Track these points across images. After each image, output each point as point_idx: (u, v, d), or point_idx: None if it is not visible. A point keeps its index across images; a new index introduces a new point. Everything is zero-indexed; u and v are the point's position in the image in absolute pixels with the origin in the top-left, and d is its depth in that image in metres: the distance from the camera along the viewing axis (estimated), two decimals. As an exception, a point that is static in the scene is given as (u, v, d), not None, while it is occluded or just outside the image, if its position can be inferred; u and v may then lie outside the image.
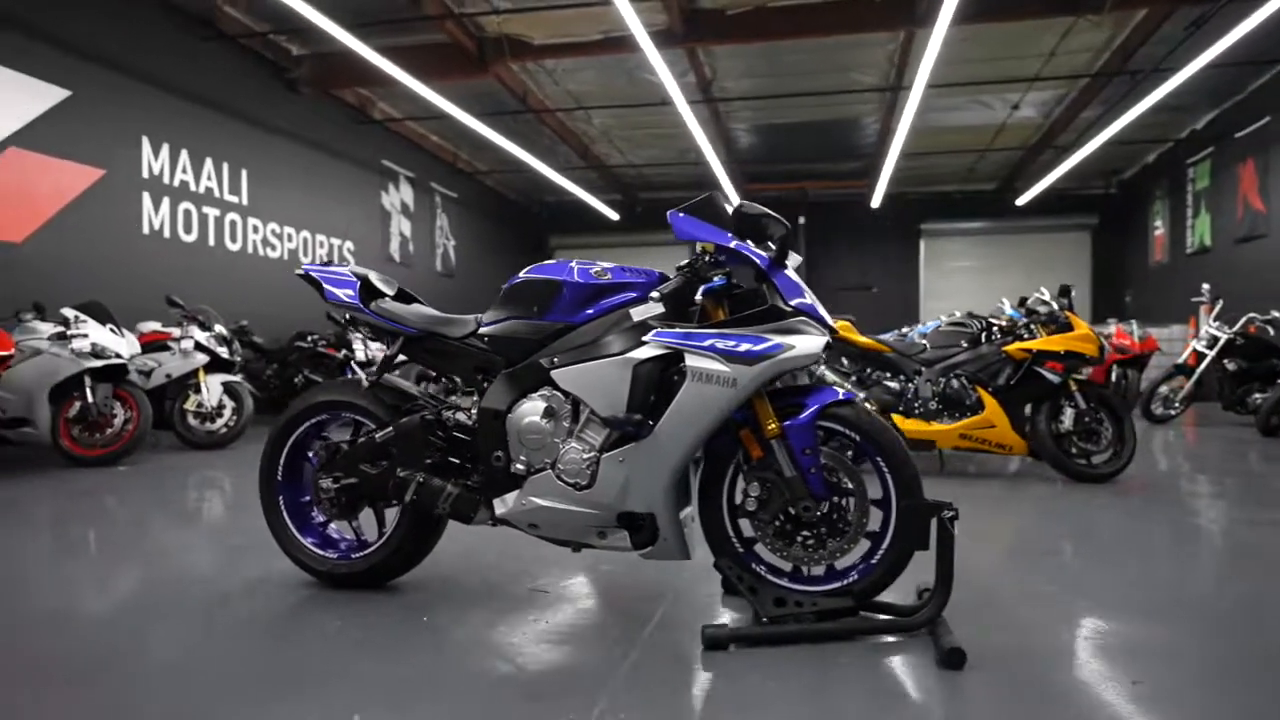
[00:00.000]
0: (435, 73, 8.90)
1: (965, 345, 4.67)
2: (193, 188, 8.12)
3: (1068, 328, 4.51)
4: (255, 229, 9.01)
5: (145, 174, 7.57)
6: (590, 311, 2.17)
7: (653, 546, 2.11)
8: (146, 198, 7.56)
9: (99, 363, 5.10)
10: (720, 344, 1.99)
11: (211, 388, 6.00)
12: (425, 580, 2.51)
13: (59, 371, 5.05)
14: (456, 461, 2.31)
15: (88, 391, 5.07)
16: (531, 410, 2.15)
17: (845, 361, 5.00)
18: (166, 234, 7.79)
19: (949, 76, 9.05)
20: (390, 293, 2.49)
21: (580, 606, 2.33)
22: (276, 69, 9.24)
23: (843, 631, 2.02)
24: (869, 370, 4.93)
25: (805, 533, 2.07)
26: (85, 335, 5.11)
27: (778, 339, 2.00)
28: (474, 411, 2.27)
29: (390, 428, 2.32)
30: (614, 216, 15.89)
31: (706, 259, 2.11)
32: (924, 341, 4.80)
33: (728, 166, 13.40)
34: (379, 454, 2.34)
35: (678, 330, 2.05)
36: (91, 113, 6.95)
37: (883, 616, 2.09)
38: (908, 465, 2.08)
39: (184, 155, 8.01)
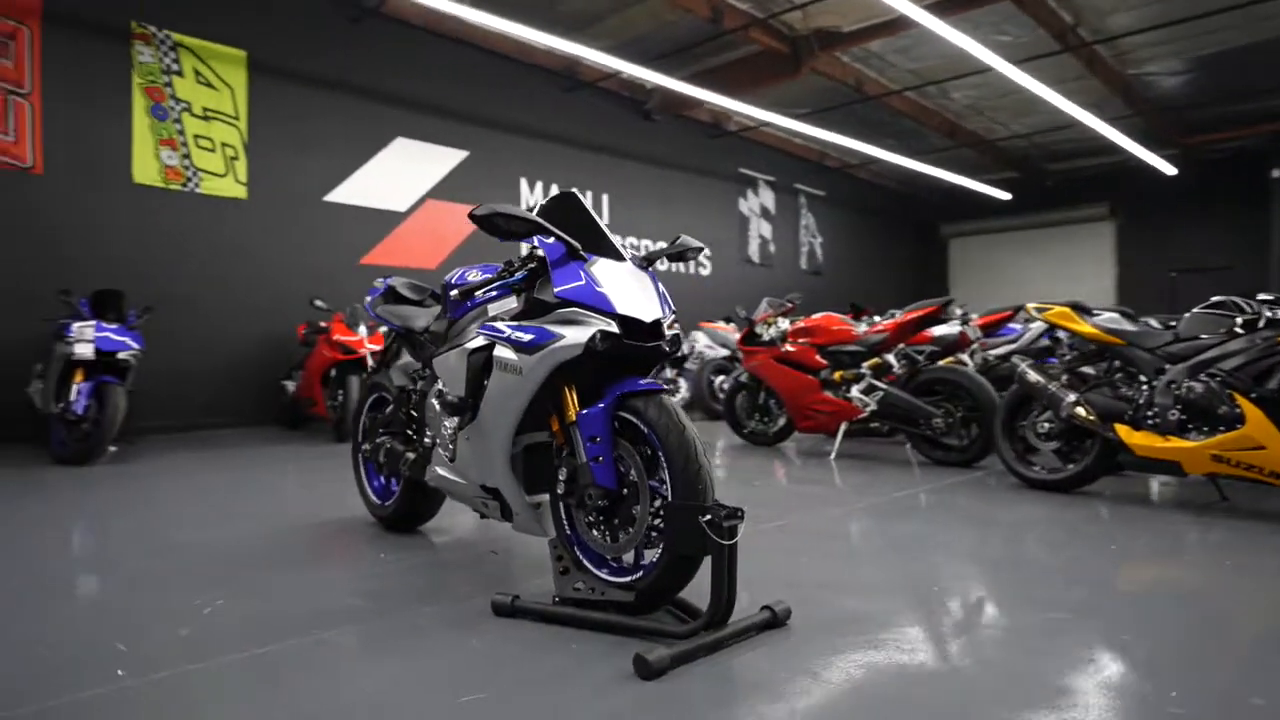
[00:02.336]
0: (751, 82, 9.31)
1: (1223, 334, 3.42)
2: (561, 214, 9.92)
3: None
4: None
5: (524, 207, 9.52)
6: (466, 306, 2.48)
7: (513, 520, 2.33)
8: (524, 226, 9.51)
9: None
10: (514, 335, 2.13)
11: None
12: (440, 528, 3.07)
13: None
14: (412, 433, 2.82)
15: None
16: (429, 392, 2.54)
17: (1069, 355, 4.04)
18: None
19: None
20: (414, 297, 3.10)
21: (469, 569, 2.61)
22: (631, 102, 10.66)
23: (602, 624, 1.99)
24: (1111, 365, 3.92)
25: (597, 520, 2.07)
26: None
27: (554, 329, 2.06)
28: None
29: (391, 405, 2.94)
30: (1003, 197, 14.16)
31: (528, 254, 2.26)
32: (1171, 330, 3.64)
33: (1146, 119, 10.98)
34: (384, 425, 2.97)
35: (494, 323, 2.24)
36: (482, 165, 9.08)
37: (642, 622, 1.97)
38: (692, 463, 1.92)
39: (553, 188, 9.84)
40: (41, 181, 6.33)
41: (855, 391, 5.02)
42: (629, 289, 2.11)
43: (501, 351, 2.17)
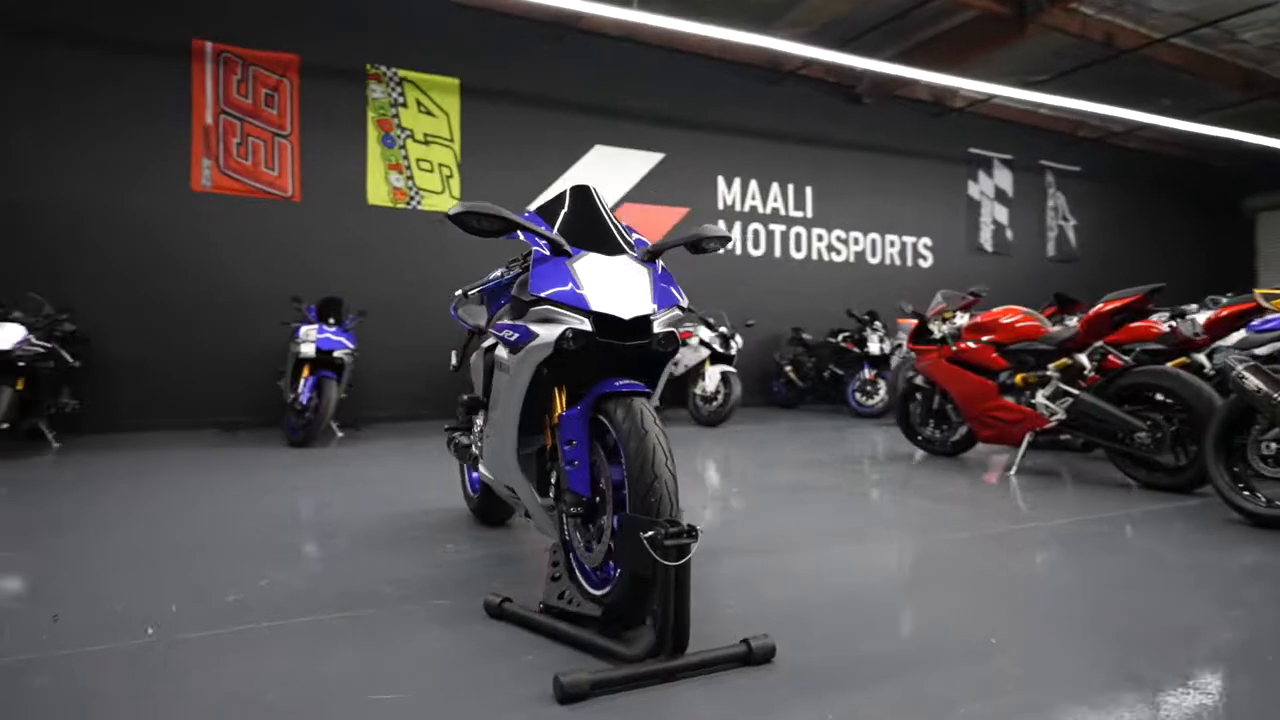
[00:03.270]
0: (971, 51, 8.38)
1: None
2: (760, 210, 9.71)
3: None
4: (819, 237, 10.09)
5: (720, 205, 9.48)
6: (497, 304, 2.49)
7: (533, 520, 2.31)
8: (721, 224, 9.45)
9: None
10: (508, 335, 2.09)
11: (711, 376, 7.33)
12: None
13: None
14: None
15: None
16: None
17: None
18: (738, 251, 9.56)
19: None
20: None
21: (515, 566, 2.58)
22: (838, 88, 10.10)
23: (568, 636, 1.89)
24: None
25: (578, 527, 1.97)
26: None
27: (534, 328, 1.98)
28: None
29: (470, 401, 3.06)
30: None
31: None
32: None
33: None
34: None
35: (501, 322, 2.21)
36: (678, 166, 9.16)
37: (600, 640, 1.82)
38: (647, 473, 1.74)
39: (753, 184, 9.66)
40: (299, 208, 7.52)
41: (1040, 397, 4.30)
42: (610, 285, 1.99)
43: (499, 351, 2.17)
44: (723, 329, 7.50)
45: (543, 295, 1.98)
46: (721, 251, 2.85)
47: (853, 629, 2.05)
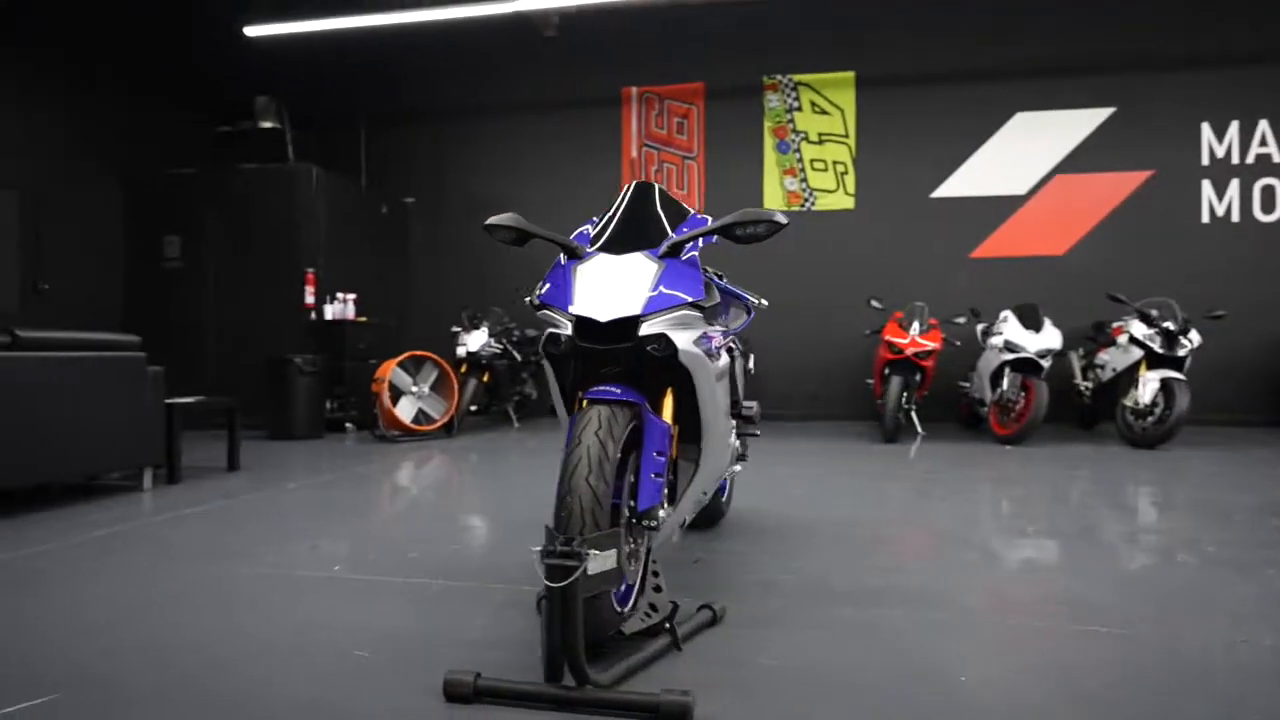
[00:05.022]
0: None
1: None
2: (1277, 159, 7.15)
3: None
4: (1391, 186, 6.95)
5: (1205, 159, 7.26)
6: None
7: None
8: (1207, 185, 7.25)
9: (1011, 355, 5.97)
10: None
11: (1146, 383, 5.72)
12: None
13: (991, 363, 6.19)
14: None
15: (1003, 380, 6.02)
16: None
17: None
18: (1235, 217, 7.20)
19: None
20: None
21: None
22: None
23: None
24: None
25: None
26: (1001, 333, 6.07)
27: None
28: None
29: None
30: None
31: None
32: None
33: None
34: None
35: None
36: (1137, 119, 7.33)
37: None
38: (563, 486, 1.63)
39: (1263, 126, 7.16)
40: (703, 221, 8.24)
41: None
42: (601, 287, 1.89)
43: (549, 352, 2.23)
44: (1168, 324, 5.79)
45: (539, 300, 2.00)
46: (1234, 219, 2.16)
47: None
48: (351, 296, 7.33)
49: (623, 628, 1.82)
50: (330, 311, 7.27)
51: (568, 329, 1.91)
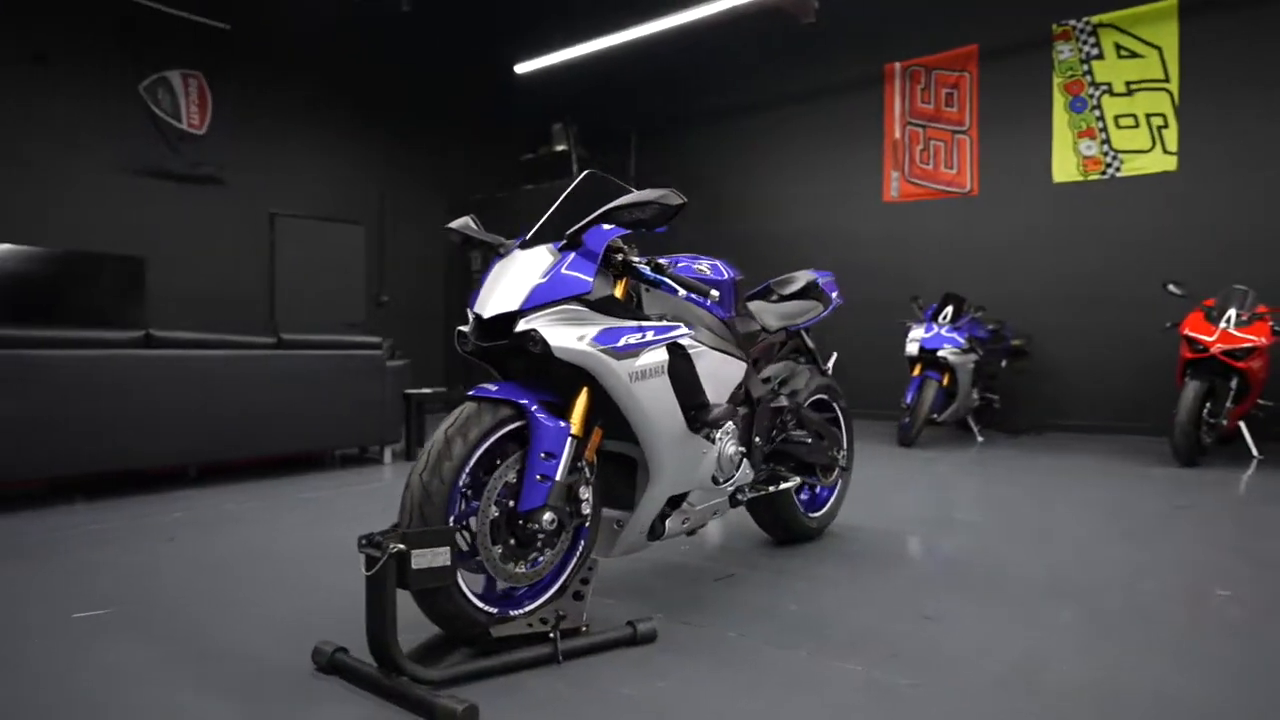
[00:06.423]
0: None
1: None
2: None
3: None
4: None
5: None
6: None
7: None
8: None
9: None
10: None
11: None
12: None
13: None
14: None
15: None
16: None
17: None
18: None
19: None
20: (786, 291, 2.86)
21: (666, 582, 2.31)
22: None
23: None
24: None
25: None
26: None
27: None
28: None
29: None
30: None
31: None
32: None
33: None
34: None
35: None
36: None
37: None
38: (411, 475, 1.62)
39: None
40: (976, 202, 7.28)
41: None
42: (497, 282, 1.87)
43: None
44: None
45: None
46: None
47: None
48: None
49: (491, 630, 1.80)
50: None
51: (465, 327, 1.93)
